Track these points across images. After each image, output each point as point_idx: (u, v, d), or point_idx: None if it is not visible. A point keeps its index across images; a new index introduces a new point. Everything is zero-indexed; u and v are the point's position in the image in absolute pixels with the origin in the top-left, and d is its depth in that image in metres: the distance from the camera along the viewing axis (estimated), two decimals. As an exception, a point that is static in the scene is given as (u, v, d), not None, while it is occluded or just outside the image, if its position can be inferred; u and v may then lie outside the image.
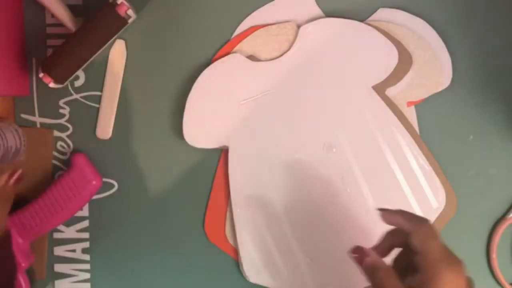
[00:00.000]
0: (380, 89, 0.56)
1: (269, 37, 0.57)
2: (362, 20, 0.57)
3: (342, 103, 0.56)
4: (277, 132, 0.57)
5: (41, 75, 0.55)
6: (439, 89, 0.57)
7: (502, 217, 0.59)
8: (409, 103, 0.58)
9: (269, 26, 0.57)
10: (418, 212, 0.56)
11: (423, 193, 0.56)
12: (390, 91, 0.57)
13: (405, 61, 0.56)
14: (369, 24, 0.57)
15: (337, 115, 0.57)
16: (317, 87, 0.57)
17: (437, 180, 0.56)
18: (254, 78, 0.57)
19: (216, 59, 0.57)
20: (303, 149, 0.57)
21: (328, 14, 0.57)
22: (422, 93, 0.57)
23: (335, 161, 0.57)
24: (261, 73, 0.57)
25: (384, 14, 0.57)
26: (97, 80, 0.58)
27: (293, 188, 0.57)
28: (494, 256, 0.58)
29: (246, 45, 0.57)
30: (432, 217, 0.56)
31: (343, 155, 0.57)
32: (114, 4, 0.53)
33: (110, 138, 0.59)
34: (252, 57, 0.57)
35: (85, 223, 0.60)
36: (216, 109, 0.57)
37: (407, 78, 0.57)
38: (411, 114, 0.58)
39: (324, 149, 0.56)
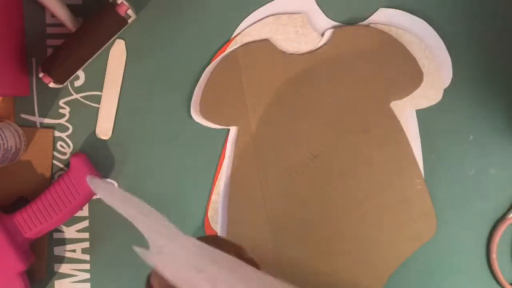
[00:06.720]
0: (385, 101, 0.56)
1: (278, 26, 0.57)
2: (361, 20, 0.57)
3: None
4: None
5: (41, 75, 0.55)
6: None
7: (502, 217, 0.59)
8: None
9: (280, 15, 0.57)
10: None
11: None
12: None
13: (416, 76, 0.56)
14: (376, 27, 0.56)
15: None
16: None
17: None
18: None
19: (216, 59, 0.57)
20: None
21: (328, 14, 0.57)
22: (423, 104, 0.57)
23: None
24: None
25: (384, 14, 0.57)
26: (97, 80, 0.58)
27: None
28: (494, 256, 0.58)
29: (254, 31, 0.57)
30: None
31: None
32: (114, 4, 0.53)
33: (110, 138, 0.59)
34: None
35: (85, 223, 0.60)
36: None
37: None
38: (411, 114, 0.58)
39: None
